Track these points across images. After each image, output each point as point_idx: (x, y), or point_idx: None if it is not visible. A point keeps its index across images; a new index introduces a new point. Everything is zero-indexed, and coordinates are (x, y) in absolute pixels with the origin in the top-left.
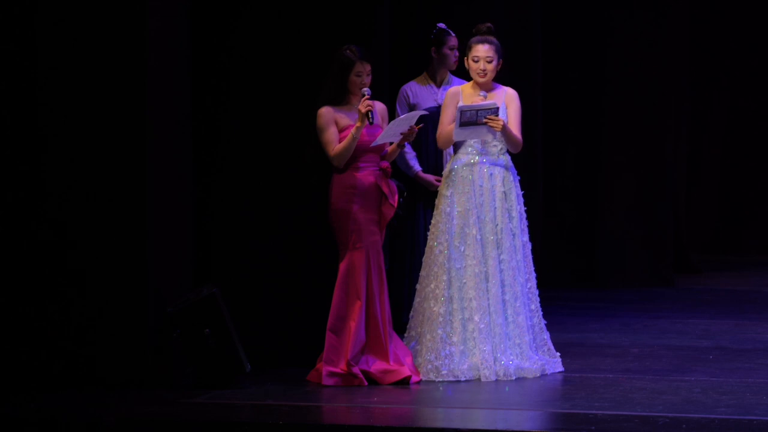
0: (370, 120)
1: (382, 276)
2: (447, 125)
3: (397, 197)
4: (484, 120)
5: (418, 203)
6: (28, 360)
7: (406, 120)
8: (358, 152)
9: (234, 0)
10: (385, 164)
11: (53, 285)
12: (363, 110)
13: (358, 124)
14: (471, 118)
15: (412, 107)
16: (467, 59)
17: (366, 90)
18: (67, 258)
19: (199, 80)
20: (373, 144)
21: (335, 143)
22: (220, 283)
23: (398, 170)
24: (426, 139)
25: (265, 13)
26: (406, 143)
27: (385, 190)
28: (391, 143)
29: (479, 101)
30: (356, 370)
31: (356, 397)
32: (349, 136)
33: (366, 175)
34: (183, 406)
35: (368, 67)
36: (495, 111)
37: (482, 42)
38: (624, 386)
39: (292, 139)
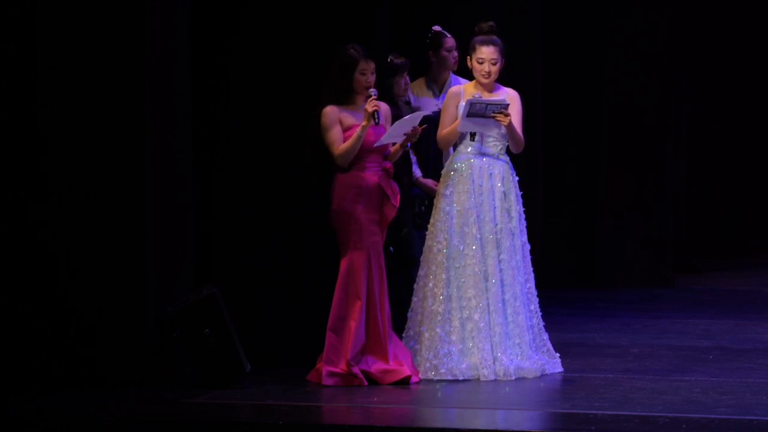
0: (376, 120)
1: (383, 276)
2: (447, 126)
3: (399, 198)
4: (492, 114)
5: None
6: (28, 360)
7: (410, 121)
8: (362, 152)
9: (234, 0)
10: (388, 165)
11: (53, 285)
12: (369, 110)
13: (363, 123)
14: (479, 111)
15: (413, 111)
16: (471, 60)
17: (373, 90)
18: (67, 258)
19: (199, 80)
20: (376, 144)
21: (339, 142)
22: (220, 283)
23: (398, 173)
24: (427, 142)
25: (265, 13)
26: (407, 145)
27: (387, 190)
28: (394, 144)
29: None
30: (356, 370)
31: (356, 397)
32: (355, 135)
33: (369, 175)
34: (183, 406)
35: (372, 66)
36: (504, 108)
37: (487, 43)
38: (624, 386)
39: (292, 139)
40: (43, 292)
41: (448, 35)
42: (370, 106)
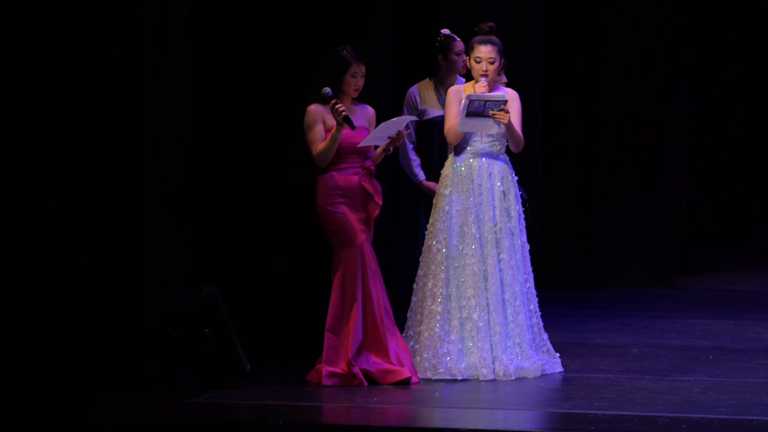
0: (351, 125)
1: (377, 273)
2: (453, 120)
3: (381, 196)
4: (491, 113)
5: (419, 209)
6: (29, 360)
7: (396, 124)
8: (343, 153)
9: (234, 1)
10: (368, 163)
11: (53, 285)
12: (339, 119)
13: (337, 126)
14: (479, 109)
15: (420, 113)
16: (469, 59)
17: (328, 90)
18: (67, 258)
19: (199, 80)
20: (359, 145)
21: (319, 142)
22: (220, 283)
23: (397, 172)
24: (431, 146)
25: (265, 14)
26: (411, 150)
27: (369, 189)
28: (377, 147)
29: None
30: (356, 370)
31: (356, 397)
32: (329, 139)
33: (349, 175)
34: (183, 406)
35: (363, 69)
36: (503, 103)
37: (484, 43)
38: (624, 386)
39: (291, 140)
40: (43, 291)
41: (458, 39)
42: (337, 115)
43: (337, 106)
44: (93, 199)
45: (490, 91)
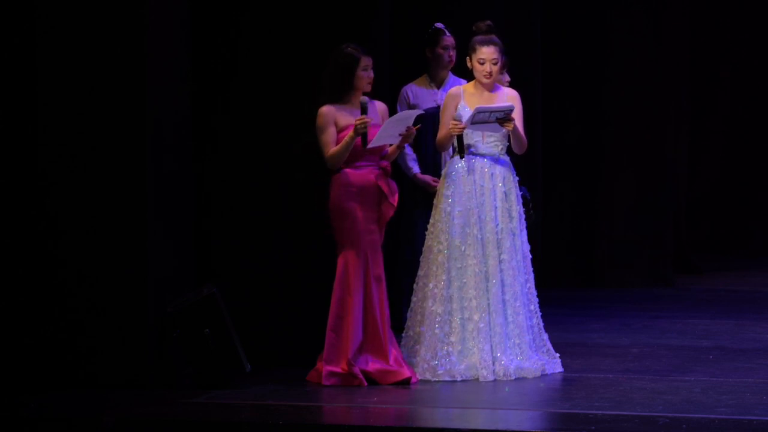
0: (364, 143)
1: (381, 280)
2: (446, 127)
3: (397, 196)
4: (496, 119)
5: (415, 204)
6: (28, 360)
7: (403, 120)
8: (358, 152)
9: (234, 1)
10: (385, 163)
11: (53, 285)
12: (358, 124)
13: (351, 134)
14: (483, 119)
15: (411, 108)
16: (471, 60)
17: (365, 99)
18: (67, 258)
19: (199, 80)
20: (369, 146)
21: (332, 145)
22: (220, 283)
23: (398, 170)
24: (425, 140)
25: (265, 14)
26: (406, 145)
27: (385, 189)
28: (390, 145)
29: (485, 102)
30: (356, 370)
31: (356, 397)
32: (343, 143)
33: (365, 173)
34: (183, 406)
35: (371, 61)
36: (509, 113)
37: (487, 43)
38: (624, 386)
39: (291, 140)
40: (42, 291)
41: (447, 33)
42: (359, 124)
43: (363, 120)
44: (93, 199)
45: (491, 90)
